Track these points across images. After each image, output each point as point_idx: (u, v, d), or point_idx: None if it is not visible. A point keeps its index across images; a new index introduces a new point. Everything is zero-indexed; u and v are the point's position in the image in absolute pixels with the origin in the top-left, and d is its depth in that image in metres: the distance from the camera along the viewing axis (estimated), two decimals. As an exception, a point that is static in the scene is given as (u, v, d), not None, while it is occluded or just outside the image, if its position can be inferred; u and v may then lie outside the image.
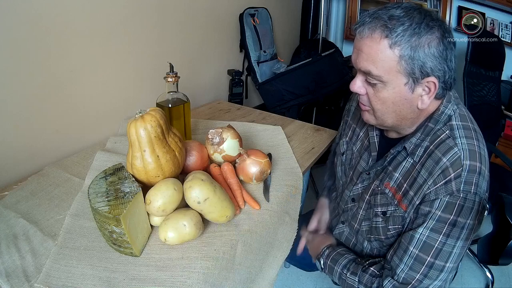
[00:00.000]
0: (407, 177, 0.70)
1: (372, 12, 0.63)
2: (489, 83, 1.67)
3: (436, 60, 0.60)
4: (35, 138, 0.93)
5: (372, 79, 0.64)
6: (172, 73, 0.91)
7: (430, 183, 0.64)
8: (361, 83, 0.68)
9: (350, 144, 0.89)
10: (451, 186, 0.62)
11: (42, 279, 0.59)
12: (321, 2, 2.03)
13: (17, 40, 0.82)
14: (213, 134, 0.84)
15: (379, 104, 0.67)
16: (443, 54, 0.60)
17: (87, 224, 0.71)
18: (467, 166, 0.62)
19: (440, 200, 0.63)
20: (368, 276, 0.74)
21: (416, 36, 0.59)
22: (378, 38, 0.61)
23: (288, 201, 0.86)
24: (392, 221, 0.73)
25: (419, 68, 0.60)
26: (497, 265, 0.63)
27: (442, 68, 0.61)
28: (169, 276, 0.61)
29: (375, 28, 0.61)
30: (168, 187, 0.67)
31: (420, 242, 0.65)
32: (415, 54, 0.59)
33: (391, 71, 0.62)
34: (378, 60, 0.61)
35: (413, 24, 0.59)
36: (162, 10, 1.20)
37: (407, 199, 0.69)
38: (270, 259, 0.80)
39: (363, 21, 0.63)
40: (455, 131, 0.65)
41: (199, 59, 1.45)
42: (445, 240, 0.64)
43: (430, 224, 0.64)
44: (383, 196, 0.75)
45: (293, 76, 1.75)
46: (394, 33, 0.59)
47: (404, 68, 0.61)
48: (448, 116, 0.67)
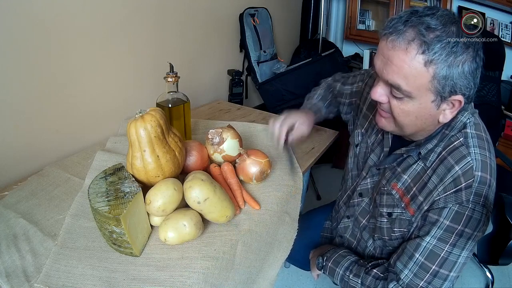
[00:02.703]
0: (417, 181, 0.69)
1: (405, 18, 0.56)
2: (489, 83, 1.67)
3: (467, 80, 0.57)
4: (35, 138, 0.93)
5: (399, 94, 0.61)
6: (172, 73, 0.91)
7: (440, 189, 0.64)
8: (383, 92, 0.64)
9: (365, 136, 0.86)
10: (461, 195, 0.62)
11: (42, 279, 0.59)
12: (321, 2, 2.03)
13: (17, 40, 0.82)
14: (213, 134, 0.84)
15: (401, 116, 0.64)
16: (474, 73, 0.58)
17: (87, 224, 0.71)
18: (478, 177, 0.61)
19: (449, 209, 0.63)
20: (371, 278, 0.74)
21: (453, 55, 0.55)
22: (413, 53, 0.55)
23: (288, 201, 0.86)
24: (398, 223, 0.73)
25: (450, 88, 0.58)
26: (497, 265, 0.63)
27: (470, 86, 0.59)
28: (169, 276, 0.61)
29: (411, 41, 0.55)
30: (168, 187, 0.67)
31: (426, 250, 0.65)
32: (449, 74, 0.56)
33: (422, 88, 0.58)
34: (410, 76, 0.57)
35: (451, 43, 0.55)
36: (162, 10, 1.20)
37: (416, 203, 0.69)
38: (270, 259, 0.80)
39: (395, 27, 0.57)
40: (469, 139, 0.64)
41: (199, 59, 1.45)
42: (451, 249, 0.63)
43: (437, 234, 0.64)
44: (389, 197, 0.74)
45: (293, 76, 1.75)
46: (431, 50, 0.54)
47: (436, 87, 0.58)
48: (464, 123, 0.66)
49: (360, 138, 0.88)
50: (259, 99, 1.88)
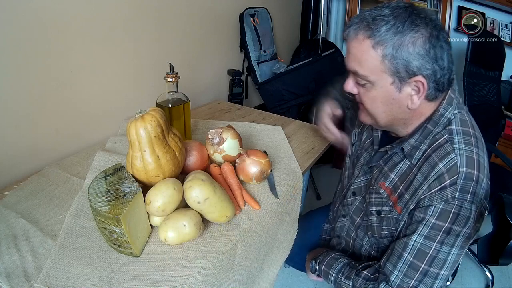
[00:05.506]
0: (404, 180, 0.70)
1: (359, 14, 0.64)
2: (489, 83, 1.67)
3: (423, 59, 0.59)
4: (35, 138, 0.93)
5: (360, 79, 0.66)
6: (172, 73, 0.91)
7: (425, 188, 0.64)
8: (353, 84, 0.70)
9: (360, 135, 0.89)
10: (446, 193, 0.61)
11: (42, 279, 0.59)
12: (321, 2, 2.03)
13: (18, 40, 0.82)
14: (213, 134, 0.84)
15: (369, 104, 0.69)
16: (430, 53, 0.59)
17: (87, 224, 0.71)
18: (463, 173, 0.61)
19: (434, 207, 0.62)
20: (361, 280, 0.74)
21: (399, 35, 0.59)
22: (361, 39, 0.62)
23: (288, 201, 0.86)
24: (386, 222, 0.73)
25: (403, 67, 0.60)
26: (497, 265, 0.63)
27: (430, 67, 0.60)
28: (169, 276, 0.61)
29: (358, 29, 0.62)
30: (168, 187, 0.67)
31: (414, 249, 0.65)
32: (397, 53, 0.59)
33: (376, 70, 0.63)
34: (363, 60, 0.63)
35: (396, 23, 0.59)
36: (162, 10, 1.20)
37: (402, 202, 0.69)
38: (270, 259, 0.80)
39: (350, 23, 0.64)
40: (454, 136, 0.64)
41: (199, 59, 1.45)
42: (439, 247, 0.63)
43: (424, 232, 0.64)
44: (377, 196, 0.75)
45: (293, 76, 1.76)
46: (377, 32, 0.60)
47: (388, 67, 0.61)
48: (448, 119, 0.66)
49: (356, 137, 0.90)
50: (259, 99, 1.88)
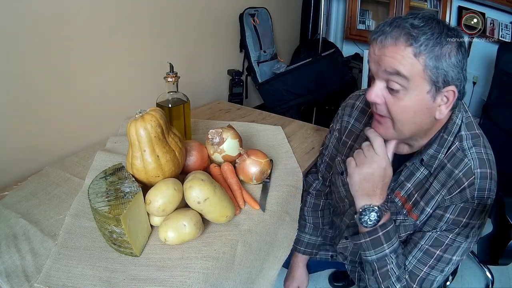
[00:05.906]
0: (419, 188, 0.72)
1: (390, 21, 0.60)
2: (489, 83, 1.67)
3: (456, 70, 0.60)
4: (35, 138, 0.93)
5: (396, 84, 0.61)
6: (172, 73, 0.91)
7: (445, 193, 0.67)
8: (380, 92, 0.64)
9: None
10: (466, 194, 0.65)
11: (42, 279, 0.59)
12: (321, 2, 2.03)
13: (17, 40, 0.82)
14: (213, 134, 0.84)
15: (399, 114, 0.64)
16: (461, 64, 0.60)
17: (87, 224, 0.71)
18: (478, 173, 0.64)
19: (455, 205, 0.66)
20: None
21: (438, 46, 0.58)
22: (402, 46, 0.58)
23: (288, 201, 0.86)
24: (403, 228, 0.74)
25: (442, 77, 0.59)
26: (497, 265, 0.63)
27: (460, 77, 0.61)
28: (169, 276, 0.61)
29: (398, 36, 0.58)
30: (168, 187, 0.67)
31: (431, 238, 0.69)
32: (439, 64, 0.58)
33: (418, 76, 0.59)
34: (406, 64, 0.59)
35: (434, 34, 0.58)
36: (162, 10, 1.20)
37: (418, 209, 0.71)
38: (271, 259, 0.80)
39: (382, 30, 0.60)
40: (464, 142, 0.67)
41: (199, 59, 1.45)
42: (455, 237, 0.67)
43: (443, 227, 0.68)
44: (392, 205, 0.75)
45: (293, 76, 1.76)
46: (418, 41, 0.57)
47: (429, 76, 0.59)
48: (458, 125, 0.68)
49: (343, 166, 0.84)
50: (259, 99, 1.88)
